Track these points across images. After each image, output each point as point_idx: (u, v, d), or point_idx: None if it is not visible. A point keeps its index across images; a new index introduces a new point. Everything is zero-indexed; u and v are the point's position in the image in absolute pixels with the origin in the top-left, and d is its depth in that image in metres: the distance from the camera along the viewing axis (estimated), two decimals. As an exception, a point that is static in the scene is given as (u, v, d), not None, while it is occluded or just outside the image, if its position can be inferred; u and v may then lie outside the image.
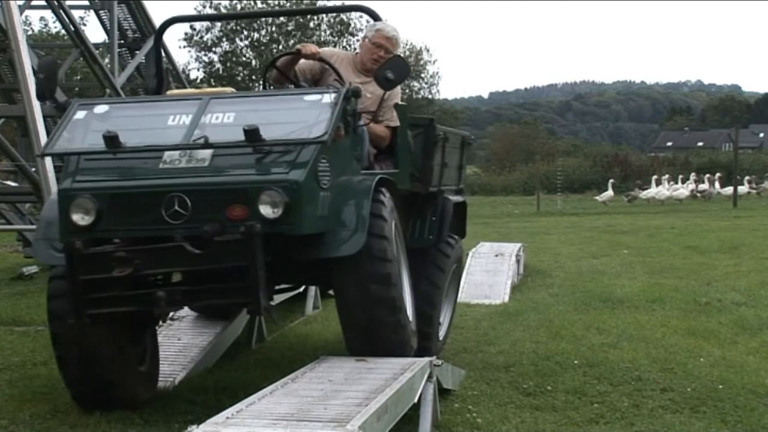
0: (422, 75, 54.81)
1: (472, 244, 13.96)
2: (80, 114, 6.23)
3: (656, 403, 6.23)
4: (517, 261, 13.03)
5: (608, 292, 11.20)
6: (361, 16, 73.52)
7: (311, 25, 46.79)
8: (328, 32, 47.41)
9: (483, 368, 7.42)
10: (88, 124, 6.12)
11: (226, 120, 5.96)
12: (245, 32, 46.89)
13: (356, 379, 5.54)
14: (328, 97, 6.03)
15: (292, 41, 45.21)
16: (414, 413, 5.55)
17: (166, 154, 5.78)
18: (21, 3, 15.37)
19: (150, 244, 5.60)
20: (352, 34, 47.91)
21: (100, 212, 5.63)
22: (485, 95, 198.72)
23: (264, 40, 46.66)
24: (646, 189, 37.12)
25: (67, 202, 5.69)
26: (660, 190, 35.98)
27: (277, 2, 46.30)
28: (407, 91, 54.12)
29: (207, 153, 5.74)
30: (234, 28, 46.17)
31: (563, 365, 7.34)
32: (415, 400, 5.53)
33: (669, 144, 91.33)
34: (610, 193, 35.98)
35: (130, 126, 6.08)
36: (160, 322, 7.25)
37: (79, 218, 5.63)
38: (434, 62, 57.15)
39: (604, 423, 5.87)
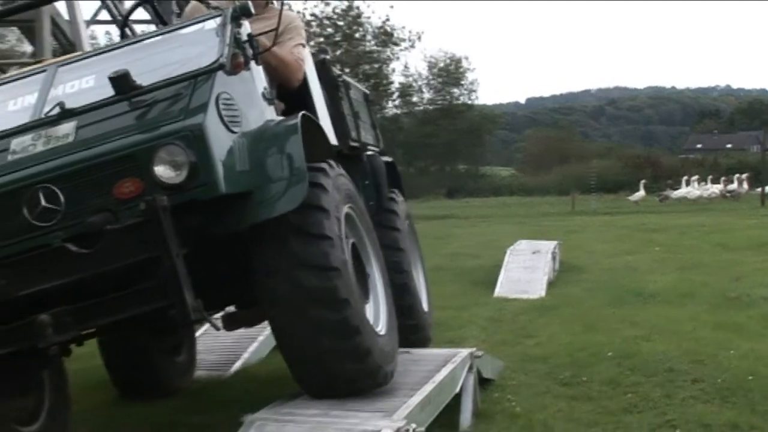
0: (462, 82, 54.73)
1: (510, 241, 14.01)
2: None
3: (687, 394, 6.16)
4: (553, 258, 12.97)
5: (640, 287, 11.10)
6: (403, 27, 73.46)
7: (357, 36, 46.84)
8: (373, 42, 47.47)
9: (521, 359, 7.38)
10: None
11: (84, 85, 4.54)
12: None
13: (401, 371, 5.52)
14: (212, 22, 4.72)
15: (339, 51, 45.33)
16: (456, 403, 5.54)
17: (14, 142, 4.24)
18: (87, 19, 15.47)
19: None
20: (396, 44, 47.98)
21: None
22: (522, 100, 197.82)
23: (312, 51, 46.76)
24: (677, 189, 36.87)
25: None
26: (690, 190, 35.71)
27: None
28: (447, 97, 54.13)
29: (69, 126, 4.21)
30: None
31: (598, 357, 7.28)
32: (457, 390, 5.54)
33: (699, 146, 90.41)
34: (642, 193, 35.83)
35: None
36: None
37: None
38: (473, 70, 57.15)
39: (637, 412, 5.82)
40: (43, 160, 4.08)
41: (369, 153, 6.94)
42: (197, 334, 7.70)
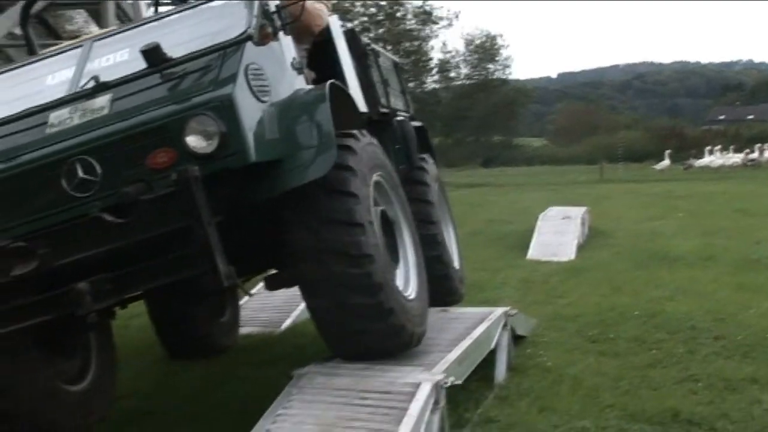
0: (497, 58, 54.34)
1: (541, 208, 13.97)
2: None
3: (709, 350, 6.15)
4: (583, 223, 12.91)
5: (665, 251, 11.04)
6: (441, 6, 72.94)
7: (398, 15, 46.63)
8: (413, 21, 47.27)
9: (552, 318, 7.40)
10: None
11: (119, 59, 4.40)
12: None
13: (440, 328, 5.56)
14: None
15: (381, 29, 45.17)
16: (491, 358, 5.58)
17: (52, 115, 4.13)
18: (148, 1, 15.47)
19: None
20: (435, 23, 47.77)
21: None
22: (554, 75, 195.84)
23: (357, 29, 46.62)
24: (701, 159, 36.48)
25: None
26: (713, 159, 35.32)
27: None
28: (483, 72, 53.83)
29: (104, 99, 4.09)
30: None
31: (624, 316, 7.28)
32: (492, 347, 5.57)
33: (721, 117, 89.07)
34: (666, 162, 35.47)
35: (0, 100, 4.49)
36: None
37: None
38: (508, 46, 56.86)
39: (661, 367, 5.82)
40: (80, 132, 3.98)
41: (399, 118, 6.77)
42: (252, 292, 7.76)
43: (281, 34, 4.71)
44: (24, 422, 4.49)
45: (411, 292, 4.89)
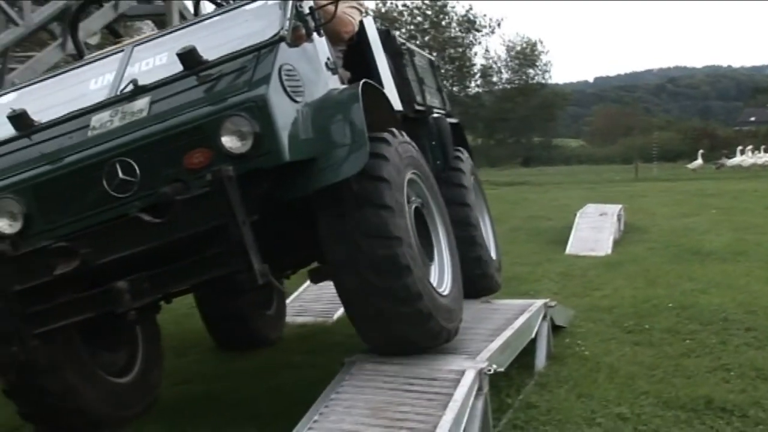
0: (536, 63, 54.10)
1: (579, 205, 13.87)
2: None
3: (741, 341, 6.05)
4: (618, 219, 12.79)
5: (698, 246, 10.89)
6: (485, 14, 72.80)
7: (443, 23, 46.61)
8: (457, 29, 47.21)
9: (589, 309, 7.34)
10: None
11: (158, 62, 4.29)
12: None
13: (483, 319, 5.55)
14: None
15: (427, 37, 45.17)
16: (531, 347, 5.55)
17: (94, 118, 4.03)
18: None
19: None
20: (478, 30, 47.67)
21: (30, 211, 3.91)
22: (590, 79, 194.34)
23: (404, 38, 46.68)
24: (732, 158, 35.96)
25: None
26: (744, 158, 34.79)
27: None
28: (523, 77, 53.63)
29: (144, 102, 4.00)
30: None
31: (659, 308, 7.20)
32: (533, 336, 5.54)
33: (752, 119, 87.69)
34: (699, 161, 35.00)
35: (46, 104, 4.36)
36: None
37: (6, 225, 3.91)
38: (547, 52, 56.49)
39: (695, 357, 5.75)
40: (120, 134, 3.89)
41: (435, 115, 6.56)
42: (305, 285, 7.78)
43: (315, 35, 4.56)
44: (72, 415, 4.45)
45: (445, 288, 4.75)
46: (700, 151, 36.35)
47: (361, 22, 5.48)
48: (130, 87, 4.08)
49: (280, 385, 5.60)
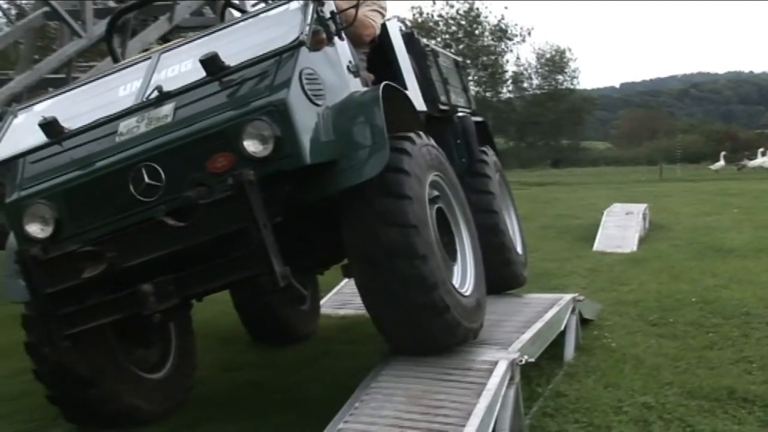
0: (565, 70, 53.84)
1: (606, 204, 13.78)
2: (20, 119, 4.39)
3: (762, 334, 5.97)
4: (644, 218, 12.66)
5: (720, 243, 10.76)
6: (516, 24, 72.36)
7: (476, 32, 46.51)
8: (490, 38, 47.09)
9: (616, 303, 7.27)
10: (31, 126, 4.08)
11: (183, 69, 4.09)
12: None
13: (515, 312, 5.53)
14: (296, 3, 4.14)
15: (461, 46, 45.07)
16: (560, 339, 5.52)
17: (122, 124, 3.90)
18: None
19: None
20: (509, 39, 47.51)
21: (61, 216, 3.82)
22: (617, 85, 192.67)
23: (440, 46, 46.54)
24: (754, 159, 35.49)
25: (17, 216, 3.87)
26: (765, 160, 34.30)
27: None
28: (552, 83, 53.37)
29: (169, 107, 3.86)
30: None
31: (682, 302, 7.12)
32: (562, 329, 5.50)
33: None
34: (721, 163, 34.59)
35: (78, 111, 4.19)
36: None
37: (38, 230, 3.83)
38: (575, 59, 56.23)
39: (717, 349, 5.68)
40: (145, 140, 3.76)
41: (460, 114, 6.28)
42: (345, 280, 7.75)
43: (336, 39, 4.34)
44: (106, 407, 4.36)
45: (467, 289, 4.53)
46: (723, 153, 35.92)
47: (384, 25, 5.31)
48: (155, 93, 3.93)
49: (322, 373, 5.59)
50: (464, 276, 4.65)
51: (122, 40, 9.42)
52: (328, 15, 4.26)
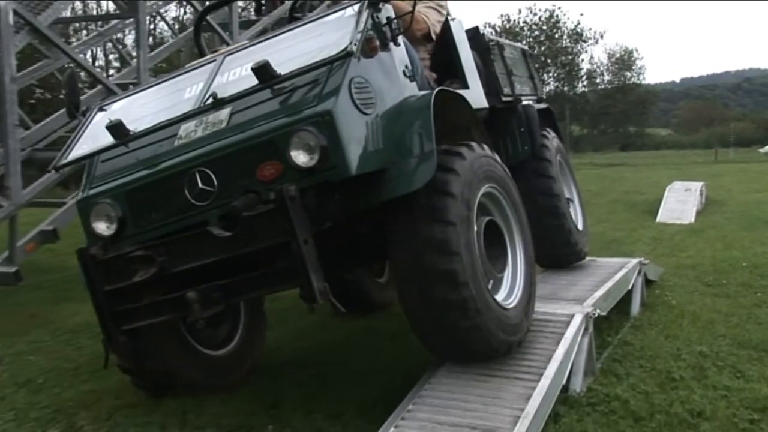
0: (632, 67, 52.26)
1: (668, 182, 13.49)
2: (98, 117, 3.92)
3: (805, 294, 5.76)
4: (700, 194, 12.34)
5: (768, 216, 10.38)
6: (590, 28, 70.45)
7: (556, 36, 45.57)
8: (567, 40, 46.11)
9: (676, 267, 7.10)
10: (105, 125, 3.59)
11: (243, 73, 3.50)
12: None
13: (589, 273, 5.47)
14: (351, 10, 3.51)
15: (542, 47, 44.27)
16: (628, 297, 5.42)
17: (182, 128, 3.43)
18: None
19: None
20: (585, 41, 46.51)
21: (123, 215, 3.44)
22: (677, 80, 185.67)
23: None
24: (799, 143, 33.81)
25: (86, 213, 3.51)
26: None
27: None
28: (621, 78, 51.93)
29: (225, 113, 3.36)
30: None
31: (734, 266, 6.91)
32: (629, 288, 5.41)
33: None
34: (771, 146, 33.08)
35: (147, 112, 3.73)
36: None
37: (104, 228, 3.46)
38: (642, 58, 54.53)
39: (765, 306, 5.49)
40: (201, 145, 3.30)
41: (524, 103, 5.53)
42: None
43: (392, 44, 3.66)
44: (164, 380, 3.95)
45: (513, 300, 3.83)
46: (772, 138, 34.29)
47: (446, 23, 4.66)
48: (210, 99, 3.40)
49: (381, 349, 4.92)
50: (512, 285, 3.95)
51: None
52: (384, 21, 3.63)
